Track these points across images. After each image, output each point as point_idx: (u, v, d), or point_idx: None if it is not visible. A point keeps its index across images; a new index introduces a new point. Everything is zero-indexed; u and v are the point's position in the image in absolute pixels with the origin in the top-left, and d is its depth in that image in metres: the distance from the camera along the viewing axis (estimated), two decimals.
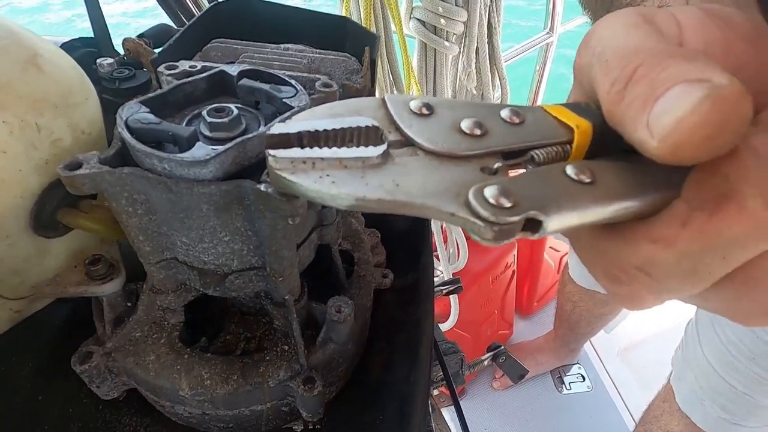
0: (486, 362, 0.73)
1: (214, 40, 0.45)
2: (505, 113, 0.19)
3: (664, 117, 0.14)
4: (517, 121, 0.19)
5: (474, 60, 1.08)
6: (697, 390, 0.89)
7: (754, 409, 0.83)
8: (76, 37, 0.43)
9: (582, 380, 1.63)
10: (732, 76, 0.14)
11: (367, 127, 0.18)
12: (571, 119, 0.19)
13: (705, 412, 0.89)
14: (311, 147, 0.18)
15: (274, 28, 0.50)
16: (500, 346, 0.74)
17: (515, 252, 1.49)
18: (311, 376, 0.35)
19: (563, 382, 1.63)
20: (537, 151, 0.18)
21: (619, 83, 0.16)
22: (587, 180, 0.17)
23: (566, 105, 0.20)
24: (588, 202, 0.17)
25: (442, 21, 0.97)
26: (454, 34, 1.01)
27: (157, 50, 0.46)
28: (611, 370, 1.64)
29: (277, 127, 0.18)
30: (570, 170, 0.17)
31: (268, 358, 0.36)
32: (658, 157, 0.15)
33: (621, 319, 1.73)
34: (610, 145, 0.18)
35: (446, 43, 1.00)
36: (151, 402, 0.38)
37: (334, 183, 0.17)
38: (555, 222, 0.16)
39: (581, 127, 0.18)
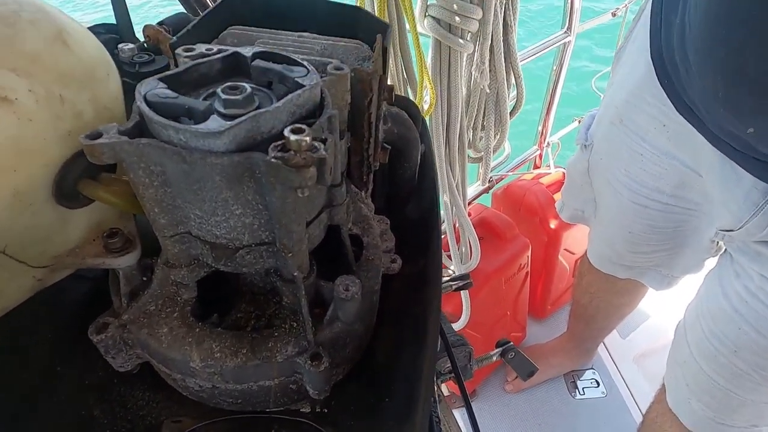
0: (495, 357, 0.72)
1: (230, 28, 0.46)
2: None
3: None
4: None
5: (488, 58, 1.08)
6: (684, 388, 0.87)
7: (737, 406, 0.80)
8: (100, 23, 0.45)
9: (596, 385, 1.60)
10: None
11: None
12: None
13: (691, 410, 0.87)
14: None
15: (289, 17, 0.51)
16: (509, 342, 0.74)
17: (529, 253, 1.47)
18: (318, 352, 0.35)
19: (577, 387, 1.60)
20: None
21: None
22: None
23: None
24: None
25: (457, 19, 0.97)
26: (469, 32, 1.01)
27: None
28: (627, 376, 1.60)
29: None
30: None
31: (276, 334, 0.36)
32: None
33: (638, 324, 1.69)
34: None
35: (461, 41, 1.00)
36: (164, 376, 0.39)
37: None
38: None
39: None
